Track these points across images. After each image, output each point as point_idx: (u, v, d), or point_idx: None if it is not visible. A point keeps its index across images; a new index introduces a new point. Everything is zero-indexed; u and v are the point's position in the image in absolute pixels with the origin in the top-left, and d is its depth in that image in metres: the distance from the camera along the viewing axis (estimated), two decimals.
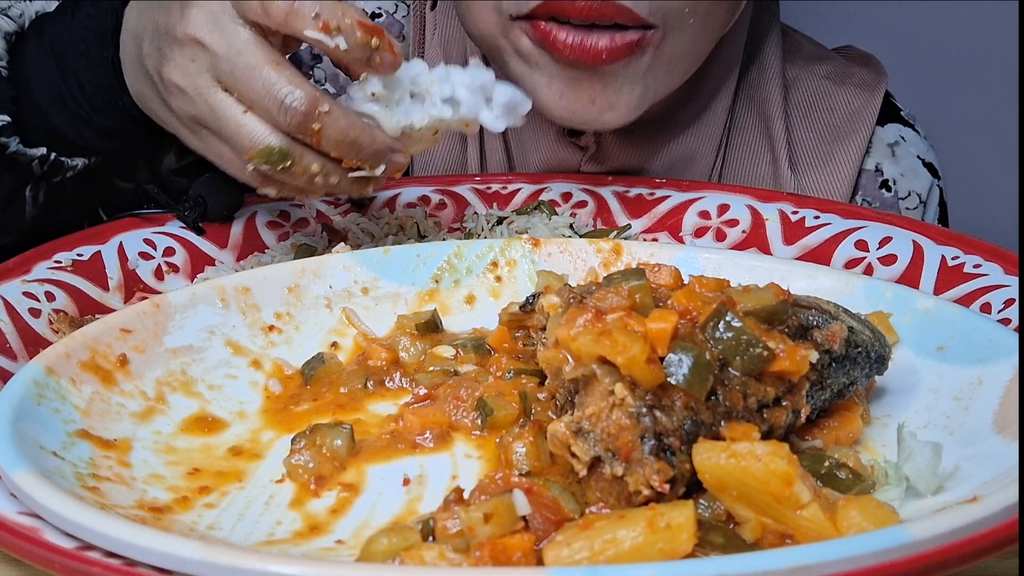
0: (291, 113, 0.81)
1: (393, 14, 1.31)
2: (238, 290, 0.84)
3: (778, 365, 0.63)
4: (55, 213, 1.06)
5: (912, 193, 1.25)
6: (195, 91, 0.84)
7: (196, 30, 0.83)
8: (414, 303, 0.88)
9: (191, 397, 0.76)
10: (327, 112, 0.82)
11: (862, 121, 1.24)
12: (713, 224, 1.05)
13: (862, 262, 0.95)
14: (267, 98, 0.81)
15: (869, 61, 1.31)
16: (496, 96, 0.90)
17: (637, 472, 0.58)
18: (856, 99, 1.25)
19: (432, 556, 0.55)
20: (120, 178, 1.16)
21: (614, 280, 0.66)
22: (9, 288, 0.86)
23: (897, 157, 1.26)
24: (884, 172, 1.25)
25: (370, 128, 0.85)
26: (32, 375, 0.69)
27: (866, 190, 1.25)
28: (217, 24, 0.83)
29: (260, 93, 0.81)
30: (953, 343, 0.74)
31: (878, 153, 1.26)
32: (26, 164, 0.99)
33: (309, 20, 0.81)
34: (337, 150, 0.84)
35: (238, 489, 0.67)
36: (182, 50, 0.84)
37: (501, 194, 1.13)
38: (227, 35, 0.82)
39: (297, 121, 0.81)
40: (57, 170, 1.01)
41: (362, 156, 0.85)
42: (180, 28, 0.84)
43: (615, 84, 1.03)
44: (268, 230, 1.05)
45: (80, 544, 0.55)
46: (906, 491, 0.63)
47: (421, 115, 0.87)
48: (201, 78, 0.84)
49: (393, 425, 0.73)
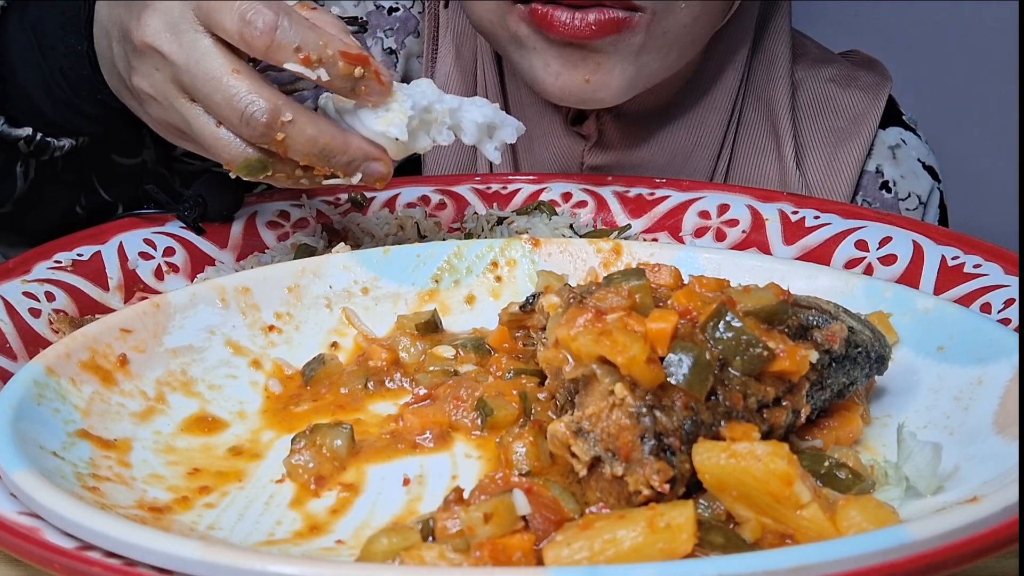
0: (253, 124, 0.78)
1: (410, 9, 1.32)
2: (238, 290, 0.84)
3: (778, 365, 0.63)
4: (47, 187, 1.06)
5: (912, 195, 1.26)
6: (165, 100, 0.82)
7: (154, 38, 0.80)
8: (414, 303, 0.88)
9: (191, 397, 0.76)
10: (290, 121, 0.79)
11: (865, 123, 1.25)
12: (713, 224, 1.05)
13: (862, 262, 0.95)
14: (229, 110, 0.79)
15: (874, 65, 1.32)
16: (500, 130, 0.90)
17: (637, 472, 0.58)
18: (860, 102, 1.27)
19: (432, 556, 0.55)
20: (121, 155, 1.15)
21: (614, 280, 0.66)
22: (9, 288, 0.86)
23: (898, 159, 1.27)
24: (885, 174, 1.27)
25: (344, 135, 0.82)
26: (32, 375, 0.69)
27: (867, 191, 1.26)
28: (175, 32, 0.80)
29: (222, 105, 0.79)
30: (953, 343, 0.74)
31: (879, 155, 1.27)
32: (12, 143, 0.98)
33: (290, 53, 0.78)
34: (306, 159, 0.81)
35: (238, 489, 0.67)
36: (143, 59, 0.82)
37: (501, 194, 1.13)
38: (185, 44, 0.79)
39: (260, 132, 0.79)
40: (44, 150, 0.99)
41: (333, 164, 0.82)
42: (137, 35, 0.81)
43: (608, 63, 1.04)
44: (268, 230, 1.05)
45: (80, 544, 0.55)
46: (906, 491, 0.63)
47: (426, 142, 0.87)
48: (167, 88, 0.81)
49: (393, 425, 0.73)
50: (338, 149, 0.82)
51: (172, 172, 1.23)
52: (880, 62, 1.34)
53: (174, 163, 1.22)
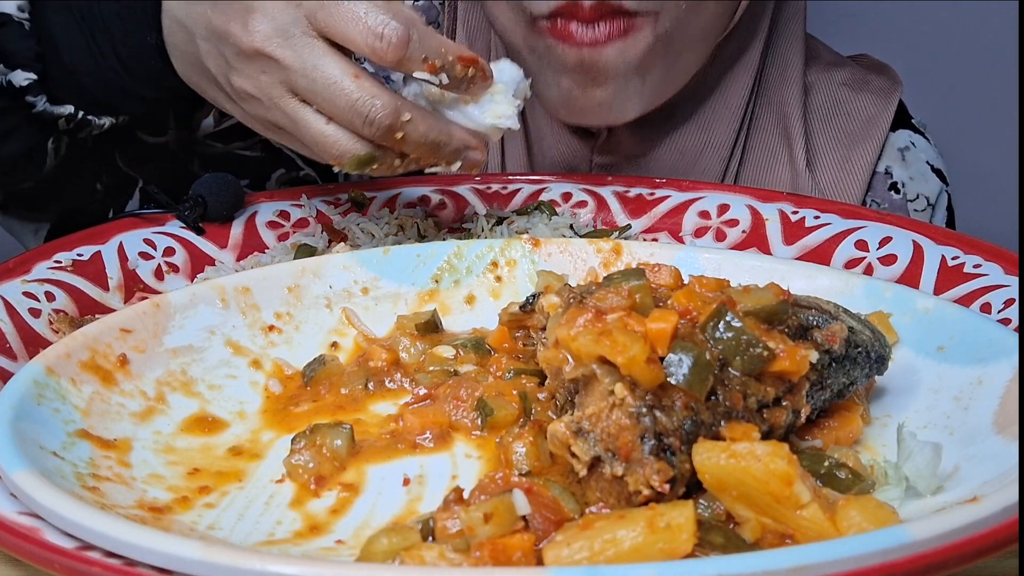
0: (376, 125, 0.82)
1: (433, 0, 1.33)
2: (238, 290, 0.84)
3: (778, 365, 0.63)
4: (75, 164, 1.06)
5: (920, 196, 1.29)
6: (270, 101, 0.84)
7: (264, 43, 0.82)
8: (414, 303, 0.88)
9: (191, 397, 0.76)
10: (408, 121, 0.83)
11: (877, 126, 1.28)
12: (713, 224, 1.05)
13: (862, 262, 0.95)
14: (351, 112, 0.81)
15: (884, 69, 1.36)
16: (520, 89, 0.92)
17: (637, 472, 0.58)
18: (872, 105, 1.29)
19: (432, 556, 0.55)
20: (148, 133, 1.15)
21: (614, 280, 0.66)
22: (9, 288, 0.86)
23: (907, 162, 1.29)
24: (894, 175, 1.29)
25: (448, 129, 0.86)
26: (32, 375, 0.69)
27: (876, 191, 1.28)
28: (287, 37, 0.82)
29: (343, 107, 0.81)
30: (953, 343, 0.74)
31: (889, 156, 1.29)
32: (52, 121, 0.99)
33: (419, 63, 0.82)
34: (417, 152, 0.85)
35: (238, 489, 0.67)
36: (250, 62, 0.83)
37: (501, 194, 1.13)
38: (300, 49, 0.82)
39: (382, 132, 0.82)
40: (83, 127, 1.00)
41: (440, 156, 0.86)
42: (246, 40, 0.82)
43: (617, 85, 1.07)
44: (268, 230, 1.05)
45: (80, 544, 0.55)
46: (906, 491, 0.63)
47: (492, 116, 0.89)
48: (275, 89, 0.83)
49: (393, 425, 0.73)
50: (444, 141, 0.86)
51: (193, 154, 1.24)
52: (890, 67, 1.35)
53: (196, 145, 1.22)
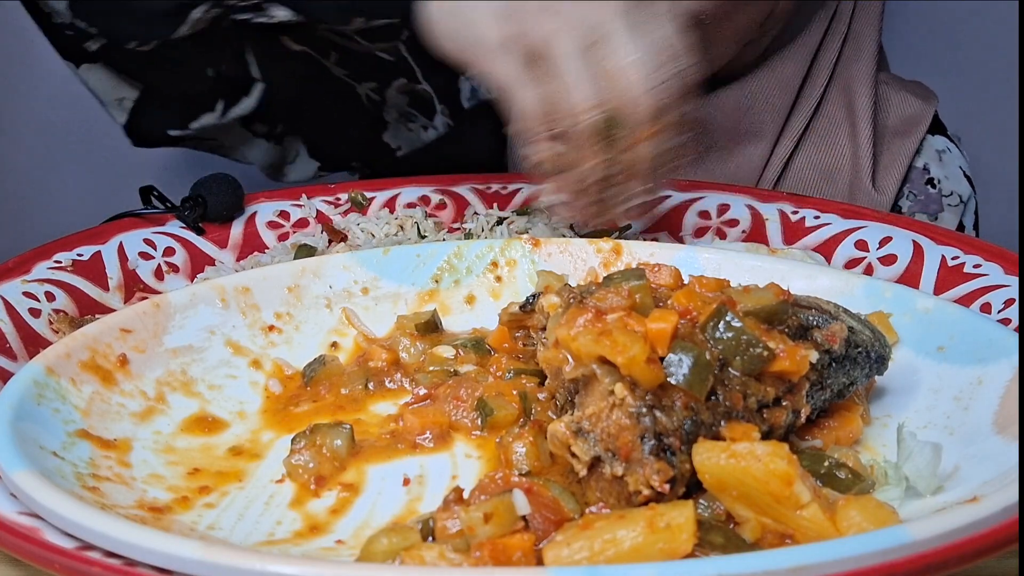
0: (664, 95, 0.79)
1: None
2: (238, 290, 0.84)
3: (778, 365, 0.63)
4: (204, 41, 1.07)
5: (954, 193, 1.31)
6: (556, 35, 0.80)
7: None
8: (414, 303, 0.88)
9: (191, 397, 0.76)
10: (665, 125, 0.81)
11: (918, 124, 1.30)
12: (713, 224, 1.05)
13: (862, 262, 0.95)
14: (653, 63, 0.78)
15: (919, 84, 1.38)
16: None
17: (637, 472, 0.58)
18: (913, 106, 1.32)
19: (432, 556, 0.55)
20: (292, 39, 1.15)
21: (614, 280, 0.66)
22: (9, 288, 0.86)
23: (944, 163, 1.33)
24: (930, 171, 1.31)
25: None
26: (32, 375, 0.69)
27: (913, 183, 1.30)
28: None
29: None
30: (953, 343, 0.74)
31: (926, 155, 1.31)
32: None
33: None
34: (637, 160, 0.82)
35: (238, 489, 0.67)
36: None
37: (501, 194, 1.13)
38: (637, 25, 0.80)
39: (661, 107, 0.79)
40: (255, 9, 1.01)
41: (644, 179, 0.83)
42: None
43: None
44: (268, 230, 1.05)
45: (80, 544, 0.55)
46: (906, 491, 0.63)
47: None
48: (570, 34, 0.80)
49: (393, 425, 0.73)
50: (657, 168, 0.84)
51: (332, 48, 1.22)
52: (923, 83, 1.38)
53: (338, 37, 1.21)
